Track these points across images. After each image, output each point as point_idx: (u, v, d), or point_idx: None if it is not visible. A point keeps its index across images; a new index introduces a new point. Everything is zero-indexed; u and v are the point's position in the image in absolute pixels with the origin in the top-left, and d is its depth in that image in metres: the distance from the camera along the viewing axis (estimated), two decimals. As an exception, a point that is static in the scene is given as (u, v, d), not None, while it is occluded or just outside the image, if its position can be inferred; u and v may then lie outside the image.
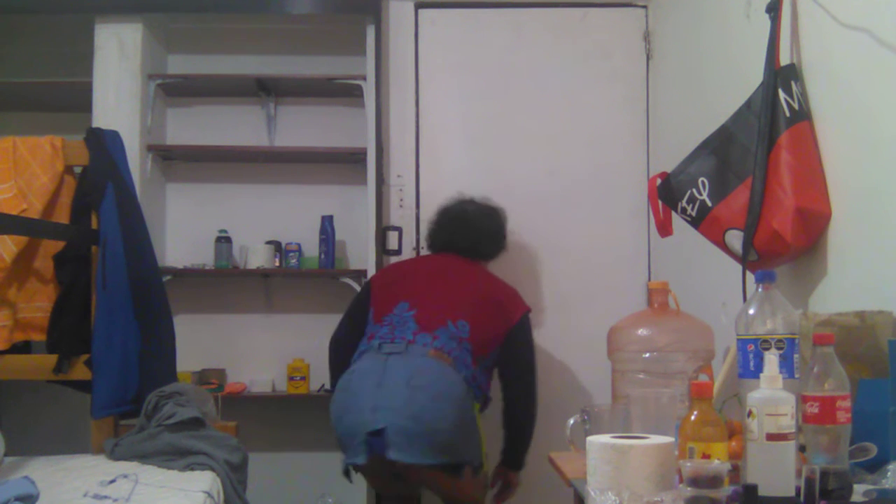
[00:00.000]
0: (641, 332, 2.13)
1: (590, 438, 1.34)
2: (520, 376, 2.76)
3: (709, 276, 2.62)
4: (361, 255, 3.50)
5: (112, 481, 2.19)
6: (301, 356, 3.49)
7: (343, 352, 2.78)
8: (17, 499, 1.82)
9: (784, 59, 2.01)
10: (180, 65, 3.70)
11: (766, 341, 1.44)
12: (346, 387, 2.57)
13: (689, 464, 1.20)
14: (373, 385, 2.48)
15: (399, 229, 3.41)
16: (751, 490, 1.20)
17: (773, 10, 2.01)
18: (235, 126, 3.66)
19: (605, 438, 1.33)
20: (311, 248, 3.55)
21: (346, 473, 2.67)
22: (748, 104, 2.02)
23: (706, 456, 1.27)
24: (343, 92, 3.50)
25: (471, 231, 2.96)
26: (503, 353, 2.71)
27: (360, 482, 3.40)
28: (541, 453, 2.35)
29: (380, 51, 3.40)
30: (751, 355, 1.46)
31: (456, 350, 2.59)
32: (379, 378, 2.49)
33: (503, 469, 2.88)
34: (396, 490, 2.76)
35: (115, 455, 2.53)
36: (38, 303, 2.80)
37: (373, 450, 2.42)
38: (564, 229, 3.47)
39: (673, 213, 2.21)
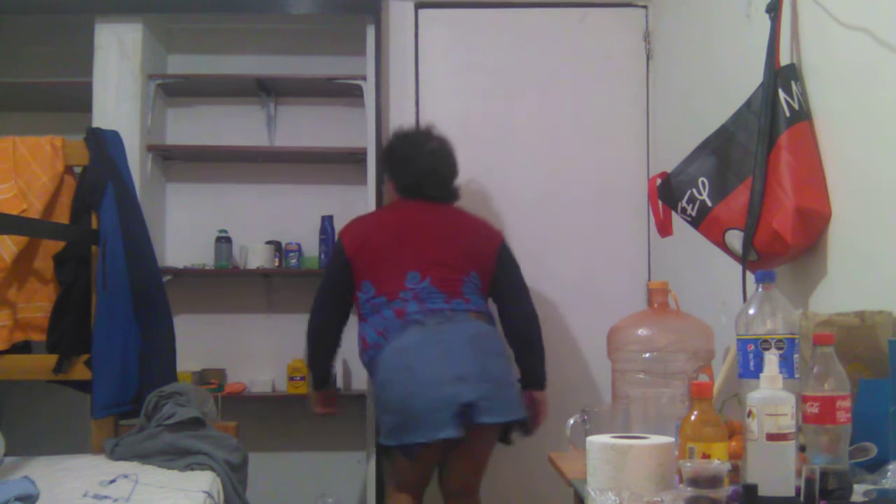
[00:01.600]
0: (641, 332, 2.13)
1: (590, 438, 1.34)
2: (520, 294, 2.86)
3: (709, 276, 2.63)
4: (361, 255, 3.49)
5: (112, 481, 2.19)
6: (301, 356, 3.48)
7: (329, 336, 2.81)
8: (17, 499, 1.82)
9: (784, 59, 2.01)
10: (180, 65, 3.70)
11: (766, 341, 1.44)
12: (408, 366, 2.54)
13: (689, 464, 1.20)
14: (440, 356, 2.52)
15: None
16: (751, 490, 1.20)
17: (773, 10, 2.01)
18: (235, 126, 3.65)
19: (605, 438, 1.33)
20: (311, 248, 3.55)
21: (412, 455, 2.55)
22: (748, 104, 2.02)
23: (706, 456, 1.27)
24: (343, 92, 3.49)
25: (442, 178, 2.90)
26: (497, 278, 2.80)
27: (358, 482, 3.41)
28: (541, 453, 2.35)
29: (380, 51, 3.40)
30: (751, 355, 1.46)
31: (482, 304, 2.72)
32: (442, 348, 2.53)
33: (530, 393, 2.87)
34: (431, 471, 2.74)
35: (115, 455, 2.53)
36: (38, 303, 2.80)
37: (465, 420, 2.46)
38: (564, 229, 3.47)
39: (673, 213, 2.21)
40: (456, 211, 2.92)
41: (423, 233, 2.78)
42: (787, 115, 1.92)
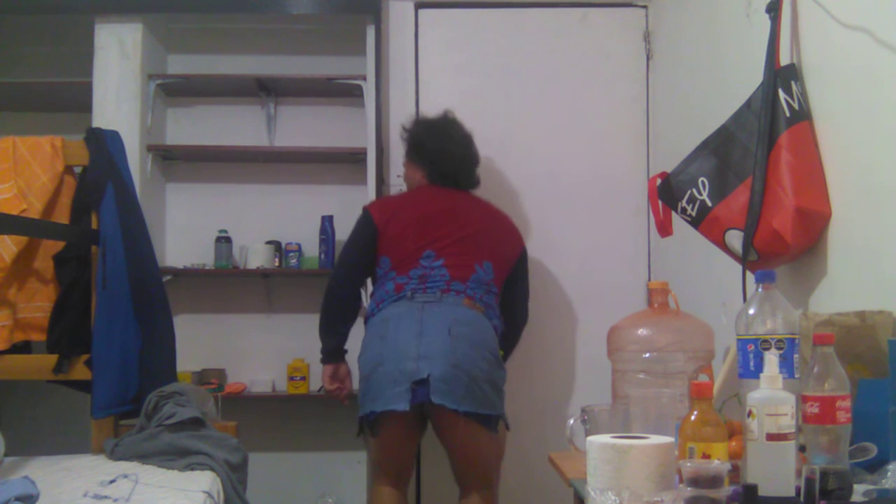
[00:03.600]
0: (641, 332, 2.13)
1: (590, 438, 1.34)
2: (523, 297, 2.96)
3: (709, 276, 2.62)
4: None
5: (112, 481, 2.19)
6: (301, 356, 3.49)
7: (345, 296, 2.83)
8: (17, 499, 1.82)
9: (784, 59, 2.01)
10: (180, 65, 3.70)
11: (766, 341, 1.44)
12: (383, 334, 2.59)
13: (689, 464, 1.20)
14: (413, 333, 2.54)
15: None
16: (751, 490, 1.20)
17: (773, 10, 2.01)
18: (235, 126, 3.65)
19: (605, 438, 1.33)
20: (311, 248, 3.55)
21: (364, 429, 2.65)
22: (748, 104, 2.02)
23: (706, 456, 1.27)
24: (343, 92, 3.49)
25: (471, 164, 2.98)
26: (510, 279, 2.88)
27: (358, 482, 3.40)
28: (541, 453, 2.35)
29: (380, 51, 3.40)
30: (751, 355, 1.46)
31: (485, 296, 2.71)
32: (419, 327, 2.55)
33: None
34: (405, 451, 2.71)
35: (115, 455, 2.53)
36: (38, 303, 2.80)
37: (417, 397, 2.47)
38: (564, 229, 3.47)
39: (673, 213, 2.21)
40: (485, 203, 2.96)
41: (447, 216, 2.82)
42: (787, 115, 1.92)
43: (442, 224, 2.80)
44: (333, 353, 2.89)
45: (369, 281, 2.92)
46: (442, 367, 2.48)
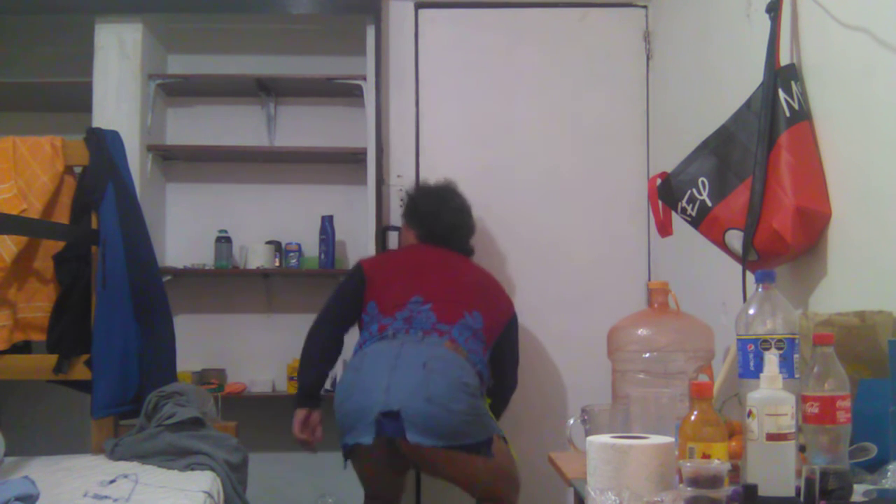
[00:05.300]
0: (641, 332, 2.13)
1: (590, 438, 1.34)
2: (512, 362, 2.93)
3: (709, 276, 2.62)
4: (361, 255, 3.48)
5: (112, 481, 2.19)
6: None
7: (327, 337, 2.79)
8: (17, 499, 1.82)
9: (784, 59, 2.01)
10: (180, 65, 3.70)
11: (766, 341, 1.44)
12: (358, 367, 2.55)
13: (689, 464, 1.20)
14: (386, 367, 2.48)
15: (399, 229, 3.41)
16: (751, 490, 1.20)
17: (773, 10, 2.01)
18: (235, 126, 3.66)
19: (605, 438, 1.33)
20: (311, 248, 3.55)
21: (347, 457, 2.58)
22: (748, 104, 2.02)
23: (706, 456, 1.27)
24: (343, 92, 3.50)
25: (464, 233, 3.02)
26: (500, 341, 2.83)
27: (358, 482, 3.40)
28: (541, 453, 2.35)
29: (380, 51, 3.40)
30: (751, 355, 1.46)
31: (471, 341, 2.65)
32: (393, 361, 2.49)
33: None
34: (385, 481, 2.67)
35: (115, 455, 2.53)
36: (38, 303, 2.80)
37: (382, 431, 2.40)
38: (564, 229, 3.47)
39: (673, 213, 2.21)
40: (478, 266, 2.99)
41: (437, 266, 2.85)
42: (787, 115, 1.92)
43: (431, 271, 2.82)
44: (309, 393, 2.77)
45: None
46: (415, 403, 2.39)
